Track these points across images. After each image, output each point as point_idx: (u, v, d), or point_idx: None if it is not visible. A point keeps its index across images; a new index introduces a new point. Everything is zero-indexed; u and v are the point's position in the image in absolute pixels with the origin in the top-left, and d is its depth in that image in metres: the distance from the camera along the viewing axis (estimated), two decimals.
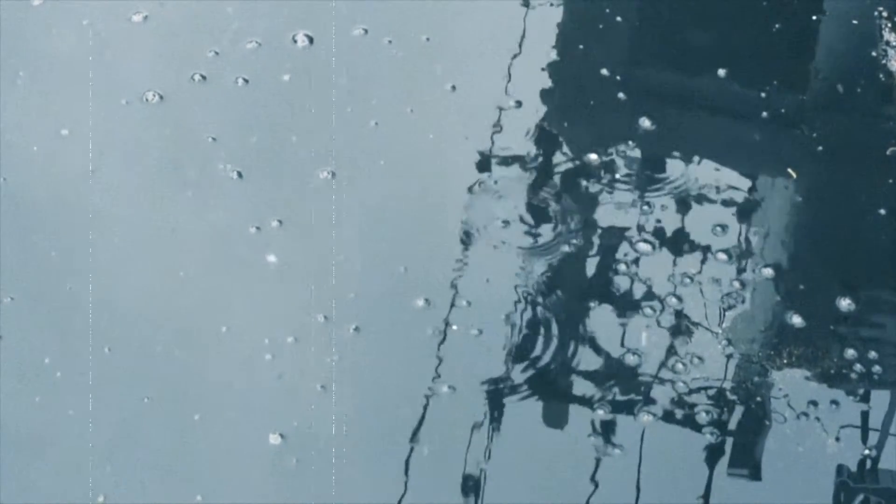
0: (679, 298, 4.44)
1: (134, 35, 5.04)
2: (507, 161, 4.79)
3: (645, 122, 4.86)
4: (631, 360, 4.30)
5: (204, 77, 4.89)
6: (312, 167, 4.69)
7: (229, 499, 4.04)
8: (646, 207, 4.68)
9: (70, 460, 4.08)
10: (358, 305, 4.37)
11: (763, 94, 5.00)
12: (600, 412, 4.19)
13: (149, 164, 4.73)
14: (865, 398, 4.28)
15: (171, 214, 4.60)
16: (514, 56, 5.08)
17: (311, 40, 5.00)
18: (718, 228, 4.64)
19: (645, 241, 4.59)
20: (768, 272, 4.53)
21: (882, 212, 4.70)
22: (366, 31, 5.07)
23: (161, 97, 4.85)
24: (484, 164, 4.78)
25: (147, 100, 4.85)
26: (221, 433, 4.14)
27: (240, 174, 4.68)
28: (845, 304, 4.44)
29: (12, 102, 4.87)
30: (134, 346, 4.29)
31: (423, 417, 4.16)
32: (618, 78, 5.01)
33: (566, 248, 4.56)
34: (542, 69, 5.06)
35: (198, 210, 4.61)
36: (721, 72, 5.04)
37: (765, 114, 4.96)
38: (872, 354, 4.34)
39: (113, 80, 4.91)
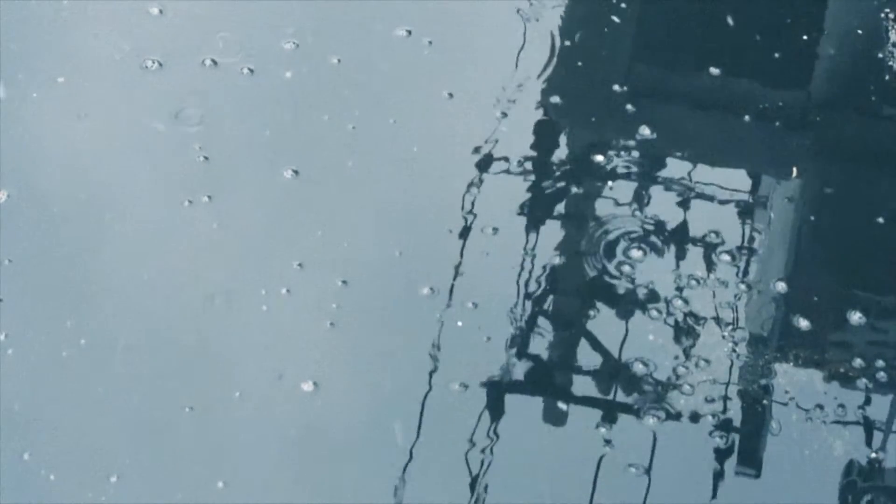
0: (685, 300, 4.43)
1: (157, 21, 5.09)
2: (503, 162, 4.79)
3: (645, 129, 4.87)
4: (636, 361, 4.29)
5: (215, 62, 4.90)
6: (278, 163, 4.69)
7: (271, 455, 4.04)
8: (650, 209, 4.68)
9: (81, 439, 4.05)
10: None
11: (767, 94, 5.02)
12: (605, 414, 4.18)
13: (126, 125, 4.76)
14: (870, 401, 4.28)
15: (131, 183, 4.61)
16: (514, 57, 5.10)
17: (342, 43, 5.02)
18: (724, 230, 4.64)
19: (648, 242, 4.58)
20: (775, 274, 4.53)
21: (887, 215, 4.71)
22: (409, 32, 5.07)
23: (160, 64, 4.86)
24: (479, 166, 4.78)
25: (146, 66, 4.87)
26: (253, 394, 4.15)
27: (206, 157, 4.68)
28: (852, 305, 4.44)
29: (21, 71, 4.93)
30: (132, 323, 4.29)
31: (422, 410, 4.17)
32: (624, 87, 5.03)
33: (566, 250, 4.56)
34: (543, 69, 5.08)
35: (152, 181, 4.62)
36: (725, 72, 5.05)
37: (770, 114, 4.98)
38: (878, 356, 4.33)
39: (120, 47, 4.96)
